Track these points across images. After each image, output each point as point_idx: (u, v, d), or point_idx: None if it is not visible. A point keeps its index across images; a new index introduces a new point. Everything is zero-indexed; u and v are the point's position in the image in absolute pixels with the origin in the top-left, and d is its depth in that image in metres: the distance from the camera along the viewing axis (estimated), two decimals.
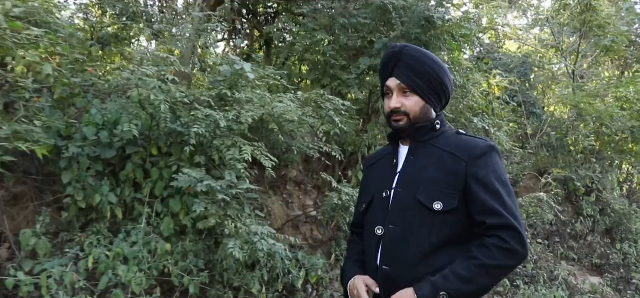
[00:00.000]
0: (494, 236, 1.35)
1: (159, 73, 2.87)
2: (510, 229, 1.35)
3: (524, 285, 4.81)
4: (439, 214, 1.40)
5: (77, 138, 3.23)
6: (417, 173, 1.48)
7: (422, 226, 1.41)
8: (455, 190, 1.41)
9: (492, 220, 1.36)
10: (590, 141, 7.20)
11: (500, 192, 1.39)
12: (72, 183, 3.06)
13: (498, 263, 1.34)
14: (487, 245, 1.35)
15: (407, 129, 1.51)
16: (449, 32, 4.41)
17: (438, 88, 1.52)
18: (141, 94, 3.01)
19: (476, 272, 1.34)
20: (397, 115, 1.50)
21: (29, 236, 2.84)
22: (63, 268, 2.76)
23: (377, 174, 1.63)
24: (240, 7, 5.76)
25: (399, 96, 1.50)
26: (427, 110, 1.52)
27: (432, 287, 1.35)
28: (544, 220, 5.72)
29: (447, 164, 1.45)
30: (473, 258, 1.35)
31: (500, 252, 1.34)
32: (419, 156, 1.51)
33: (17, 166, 3.37)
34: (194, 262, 3.10)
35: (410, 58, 1.50)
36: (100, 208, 3.13)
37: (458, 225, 1.42)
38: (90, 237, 3.04)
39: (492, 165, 1.43)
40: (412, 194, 1.44)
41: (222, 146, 3.01)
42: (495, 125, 4.61)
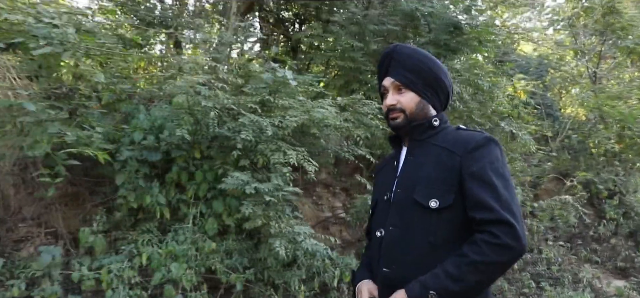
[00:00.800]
0: (484, 232, 1.31)
1: (209, 81, 3.02)
2: (502, 224, 1.30)
3: (550, 287, 4.88)
4: (435, 212, 1.38)
5: (125, 142, 3.41)
6: (415, 172, 1.47)
7: (420, 226, 1.40)
8: (451, 186, 1.39)
9: (482, 215, 1.32)
10: (612, 143, 7.22)
11: (495, 185, 1.34)
12: (125, 185, 3.24)
13: (488, 259, 1.29)
14: (477, 242, 1.31)
15: (405, 127, 1.51)
16: (477, 38, 4.51)
17: (433, 83, 1.51)
18: (189, 100, 3.17)
19: (465, 269, 1.30)
20: (394, 113, 1.51)
21: (87, 235, 3.02)
22: (120, 264, 2.93)
23: (383, 178, 1.63)
24: (268, 14, 5.93)
25: (394, 93, 1.51)
26: (424, 106, 1.51)
27: (421, 287, 1.33)
28: (568, 223, 5.77)
29: (444, 161, 1.43)
30: (463, 255, 1.32)
31: (490, 248, 1.29)
32: (417, 155, 1.50)
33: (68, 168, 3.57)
34: (239, 260, 3.26)
35: (402, 56, 1.51)
36: (150, 208, 3.30)
37: (456, 222, 1.38)
38: (141, 236, 3.21)
39: (488, 157, 1.39)
40: (410, 194, 1.43)
41: (266, 150, 3.16)
42: (522, 128, 4.69)
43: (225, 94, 3.12)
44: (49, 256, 2.72)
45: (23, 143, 2.68)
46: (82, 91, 3.03)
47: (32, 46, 2.47)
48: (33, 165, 3.44)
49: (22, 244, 3.25)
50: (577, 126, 8.07)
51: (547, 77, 10.33)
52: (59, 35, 2.50)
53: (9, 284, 2.66)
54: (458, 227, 1.38)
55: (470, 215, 1.35)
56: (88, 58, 2.88)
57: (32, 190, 3.49)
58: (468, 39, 4.64)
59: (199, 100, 3.12)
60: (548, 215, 5.39)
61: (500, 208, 1.31)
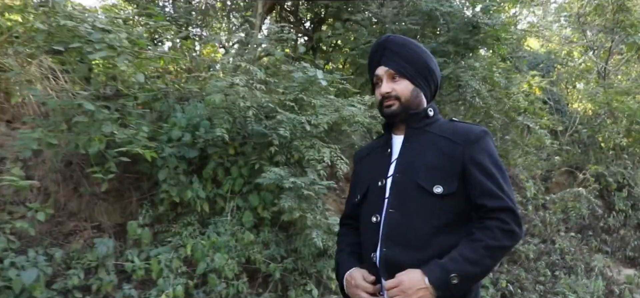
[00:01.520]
0: (495, 219, 1.38)
1: (249, 82, 3.19)
2: (509, 212, 1.39)
3: (564, 275, 5.07)
4: (439, 198, 1.42)
5: (163, 139, 3.59)
6: (415, 158, 1.50)
7: (423, 210, 1.43)
8: (454, 174, 1.44)
9: (493, 203, 1.39)
10: (621, 138, 7.38)
11: (496, 175, 1.43)
12: (167, 181, 3.41)
13: (501, 244, 1.37)
14: (490, 228, 1.38)
15: (400, 114, 1.53)
16: (494, 36, 4.67)
17: (425, 72, 1.56)
18: (227, 100, 3.35)
19: (482, 253, 1.36)
20: (389, 100, 1.53)
21: (135, 228, 3.20)
22: (168, 255, 3.12)
23: (371, 165, 1.63)
24: (288, 13, 6.08)
25: (389, 82, 1.54)
26: (418, 94, 1.56)
27: (443, 270, 1.36)
28: (580, 215, 5.94)
29: (444, 149, 1.48)
30: (478, 240, 1.38)
31: (503, 234, 1.37)
32: (415, 142, 1.53)
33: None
34: (277, 250, 3.44)
35: (396, 45, 1.55)
36: (189, 202, 3.48)
37: (457, 208, 1.45)
38: (183, 229, 3.40)
39: (487, 149, 1.47)
40: (412, 179, 1.46)
41: (301, 147, 3.33)
42: (537, 123, 4.86)
43: (263, 93, 3.29)
44: (104, 248, 2.91)
45: (78, 141, 2.85)
46: (126, 91, 3.19)
47: (89, 51, 2.63)
48: (78, 162, 3.63)
49: (71, 237, 3.44)
50: (585, 121, 8.23)
51: (553, 73, 10.47)
52: (113, 41, 2.67)
53: (68, 274, 2.84)
54: (458, 213, 1.44)
55: (480, 202, 1.41)
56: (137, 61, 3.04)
57: (76, 186, 3.68)
58: (485, 37, 4.80)
59: (237, 99, 3.29)
60: (561, 206, 5.56)
61: (507, 196, 1.40)
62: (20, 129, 3.75)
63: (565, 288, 4.75)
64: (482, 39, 4.73)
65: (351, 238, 1.68)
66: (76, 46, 2.64)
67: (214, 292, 3.16)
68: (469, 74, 4.35)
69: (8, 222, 2.81)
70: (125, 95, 3.23)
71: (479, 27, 4.74)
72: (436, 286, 1.35)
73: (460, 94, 4.82)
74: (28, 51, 3.38)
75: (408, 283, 1.37)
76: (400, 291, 1.37)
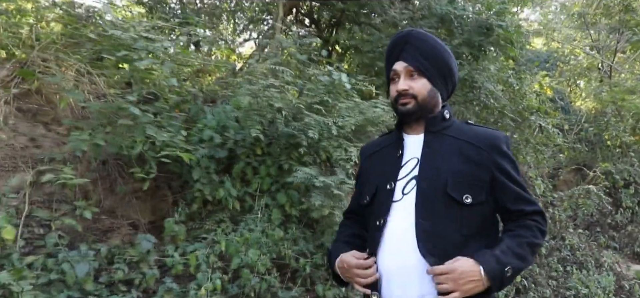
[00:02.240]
0: (532, 220, 1.45)
1: (281, 85, 3.35)
2: (542, 214, 1.49)
3: (576, 270, 5.22)
4: (467, 206, 1.40)
5: (194, 140, 3.74)
6: (440, 165, 1.45)
7: (452, 219, 1.41)
8: (482, 182, 1.43)
9: (530, 207, 1.46)
10: (627, 136, 7.54)
11: (520, 182, 1.49)
12: (200, 180, 3.57)
13: (539, 241, 1.45)
14: (530, 227, 1.44)
15: (415, 113, 1.49)
16: (508, 39, 4.82)
17: (445, 72, 1.52)
18: (259, 102, 3.50)
19: (527, 250, 1.41)
20: (405, 98, 1.48)
21: (172, 225, 3.36)
22: (204, 250, 3.27)
23: (380, 164, 1.58)
24: (303, 16, 6.24)
25: (407, 79, 1.48)
26: (435, 94, 1.51)
27: (498, 262, 1.35)
28: (588, 211, 6.11)
29: (469, 155, 1.45)
30: (522, 236, 1.42)
31: (540, 233, 1.45)
32: (436, 147, 1.49)
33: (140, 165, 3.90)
34: (306, 246, 3.60)
35: (418, 41, 1.49)
36: (220, 200, 3.64)
37: (485, 215, 1.45)
38: (216, 226, 3.55)
39: (508, 155, 1.49)
40: (440, 188, 1.42)
41: (329, 147, 3.49)
42: (550, 123, 5.02)
43: (293, 96, 3.45)
44: (147, 244, 3.06)
45: (121, 142, 3.00)
46: (165, 96, 3.35)
47: (135, 59, 2.79)
48: (112, 162, 3.78)
49: (109, 234, 3.59)
50: (591, 119, 8.39)
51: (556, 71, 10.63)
52: (157, 49, 2.82)
53: (113, 268, 3.00)
54: (486, 220, 1.45)
55: (516, 207, 1.45)
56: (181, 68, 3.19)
57: (111, 185, 3.84)
58: (498, 39, 4.96)
59: (269, 102, 3.45)
60: (572, 203, 5.72)
61: (536, 200, 1.52)
62: (55, 131, 3.93)
63: (577, 283, 4.90)
64: (495, 41, 4.88)
65: (349, 229, 1.67)
66: (122, 54, 2.79)
67: (247, 286, 3.32)
68: (485, 75, 4.50)
69: (57, 219, 2.97)
70: (162, 98, 3.38)
71: (492, 29, 4.89)
72: (492, 277, 1.33)
73: (474, 94, 4.98)
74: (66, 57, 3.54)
75: (460, 271, 1.32)
76: (451, 279, 1.32)
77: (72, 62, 3.62)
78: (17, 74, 3.22)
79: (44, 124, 3.93)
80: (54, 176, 2.86)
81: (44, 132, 3.86)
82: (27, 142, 3.69)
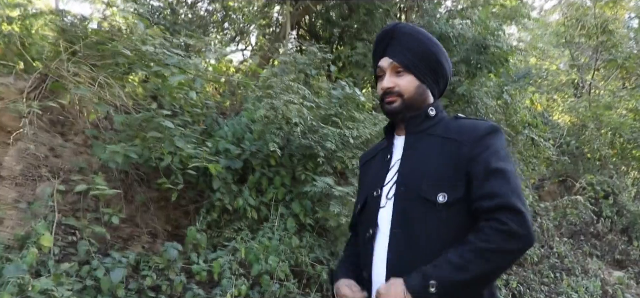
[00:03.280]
0: (491, 220, 1.21)
1: (301, 103, 3.53)
2: (508, 210, 1.21)
3: (567, 276, 5.53)
4: (445, 206, 1.27)
5: (211, 151, 3.87)
6: (419, 167, 1.34)
7: (429, 224, 1.28)
8: (459, 178, 1.29)
9: (489, 203, 1.23)
10: (607, 149, 7.99)
11: (499, 173, 1.26)
12: (219, 189, 3.69)
13: (495, 246, 1.19)
14: (482, 228, 1.22)
15: (401, 112, 1.40)
16: (503, 57, 5.13)
17: (435, 67, 1.41)
18: (278, 116, 3.66)
19: (470, 257, 1.19)
20: (390, 96, 1.39)
21: (194, 233, 3.47)
22: (226, 258, 3.39)
23: (371, 172, 1.50)
24: (305, 31, 6.45)
25: (392, 75, 1.40)
26: (423, 91, 1.41)
27: (422, 277, 1.22)
28: (575, 221, 6.45)
29: (449, 152, 1.32)
30: (467, 243, 1.22)
31: (498, 234, 1.19)
32: (418, 148, 1.38)
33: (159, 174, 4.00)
34: (322, 253, 3.75)
35: (404, 35, 1.40)
36: (238, 209, 3.77)
37: (467, 216, 1.28)
38: (235, 234, 3.68)
39: (493, 146, 1.31)
40: (415, 192, 1.31)
41: (344, 157, 3.67)
42: (542, 136, 5.34)
43: (310, 110, 3.63)
44: (174, 252, 3.17)
45: (151, 154, 3.11)
46: (188, 109, 3.48)
47: (168, 74, 2.92)
48: (132, 172, 3.87)
49: (130, 242, 3.67)
50: (572, 133, 8.84)
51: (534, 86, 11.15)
52: (189, 66, 2.96)
53: (141, 275, 3.09)
54: (469, 222, 1.27)
55: (476, 205, 1.25)
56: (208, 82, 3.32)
57: (131, 194, 3.92)
58: (494, 58, 5.27)
59: (286, 114, 3.62)
60: (559, 213, 6.04)
61: (508, 194, 1.22)
62: (72, 141, 3.99)
63: (567, 288, 5.20)
64: (492, 60, 5.18)
65: (352, 247, 1.59)
66: (156, 69, 2.91)
67: (267, 292, 3.45)
68: (483, 91, 4.79)
69: (87, 227, 3.05)
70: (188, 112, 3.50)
71: (488, 48, 5.20)
72: (414, 293, 1.22)
73: (471, 109, 5.26)
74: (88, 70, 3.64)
75: (393, 292, 1.24)
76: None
77: (93, 74, 3.71)
78: (50, 88, 3.29)
79: (61, 134, 4.00)
80: (86, 186, 2.94)
81: (61, 142, 3.93)
82: (47, 152, 3.75)
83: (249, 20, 8.14)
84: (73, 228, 3.23)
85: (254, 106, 3.59)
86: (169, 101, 3.23)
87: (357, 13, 5.57)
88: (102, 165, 3.47)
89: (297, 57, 4.00)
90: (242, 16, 8.30)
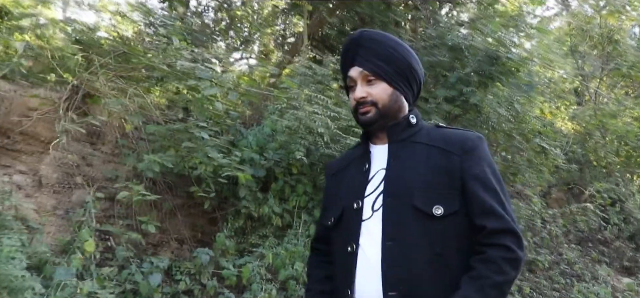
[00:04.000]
0: (497, 246, 1.21)
1: (326, 114, 3.67)
2: (512, 234, 1.22)
3: (577, 283, 5.64)
4: (439, 220, 1.24)
5: (235, 160, 4.00)
6: (407, 176, 1.29)
7: (423, 236, 1.24)
8: (454, 190, 1.26)
9: (494, 224, 1.22)
10: (613, 157, 8.12)
11: (497, 189, 1.26)
12: (246, 197, 3.82)
13: (509, 277, 1.20)
14: (495, 259, 1.20)
15: (377, 122, 1.34)
16: (516, 68, 5.27)
17: (406, 72, 1.36)
18: (302, 127, 3.80)
19: (490, 292, 1.18)
20: (364, 107, 1.33)
21: (223, 239, 3.59)
22: (255, 263, 3.52)
23: (346, 182, 1.41)
24: (319, 42, 6.60)
25: (364, 85, 1.34)
26: (397, 98, 1.35)
27: None
28: (585, 227, 6.57)
29: (438, 162, 1.29)
30: (484, 277, 1.19)
31: (509, 265, 1.20)
32: (404, 157, 1.33)
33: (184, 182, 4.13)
34: None
35: (371, 41, 1.35)
36: (263, 216, 3.90)
37: (461, 228, 1.26)
38: (261, 240, 3.80)
39: (485, 158, 1.30)
40: (407, 202, 1.26)
41: None
42: (552, 145, 5.47)
43: (334, 121, 3.77)
44: (206, 257, 3.29)
45: (185, 163, 3.25)
46: (217, 119, 3.62)
47: (202, 87, 3.06)
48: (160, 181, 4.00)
49: (159, 248, 3.80)
50: (578, 141, 8.97)
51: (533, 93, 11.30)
52: (222, 81, 3.11)
53: (174, 279, 3.22)
54: (463, 233, 1.26)
55: (480, 222, 1.23)
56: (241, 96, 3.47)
57: (159, 201, 4.05)
58: (505, 69, 5.40)
59: (309, 125, 3.75)
60: (569, 220, 6.16)
61: (508, 217, 1.24)
62: (101, 149, 4.13)
63: (578, 294, 5.31)
64: (505, 71, 5.32)
65: (321, 272, 1.48)
66: (192, 83, 3.06)
67: (294, 296, 3.57)
68: (496, 101, 4.92)
69: (125, 233, 3.18)
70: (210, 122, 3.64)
71: (500, 59, 5.34)
72: None
73: (483, 119, 5.39)
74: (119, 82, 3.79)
75: None
76: None
77: (122, 85, 3.86)
78: (83, 99, 3.44)
79: (90, 143, 4.14)
80: (128, 193, 3.08)
81: (91, 151, 4.07)
82: (79, 160, 3.89)
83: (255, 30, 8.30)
84: (108, 234, 3.37)
85: (278, 117, 3.72)
86: (199, 112, 3.36)
87: (370, 25, 5.72)
88: (135, 173, 3.61)
89: (316, 69, 4.14)
90: (248, 25, 8.46)
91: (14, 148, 3.66)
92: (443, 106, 5.53)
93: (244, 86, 3.44)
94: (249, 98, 3.73)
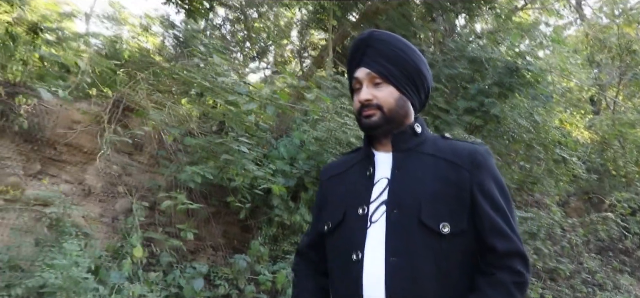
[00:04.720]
0: (507, 270, 1.18)
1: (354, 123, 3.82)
2: (521, 257, 1.20)
3: (600, 292, 5.67)
4: (446, 237, 1.19)
5: (268, 170, 4.17)
6: (413, 188, 1.24)
7: (428, 252, 1.19)
8: (463, 207, 1.21)
9: (504, 246, 1.19)
10: (632, 166, 8.13)
11: (504, 208, 1.23)
12: (278, 206, 3.98)
13: None
14: (504, 283, 1.17)
15: (381, 126, 1.27)
16: (535, 80, 5.39)
17: (415, 77, 1.30)
18: (332, 137, 3.96)
19: None
20: (369, 110, 1.27)
21: (258, 246, 3.75)
22: (287, 270, 3.66)
23: (346, 186, 1.34)
24: (342, 55, 6.78)
25: (370, 87, 1.28)
26: (404, 103, 1.29)
27: None
28: (606, 237, 6.59)
29: (447, 174, 1.24)
30: None
31: (518, 288, 1.18)
32: (409, 167, 1.27)
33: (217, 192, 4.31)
34: None
35: (381, 43, 1.30)
36: (296, 224, 4.04)
37: (467, 246, 1.22)
38: (291, 247, 3.95)
39: (493, 173, 1.26)
40: (413, 215, 1.20)
41: None
42: (573, 155, 5.55)
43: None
44: (244, 263, 3.45)
45: (224, 175, 3.42)
46: (252, 132, 3.79)
47: (241, 102, 3.24)
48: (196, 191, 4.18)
49: (195, 254, 3.97)
50: (596, 150, 8.99)
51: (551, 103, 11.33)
52: (260, 96, 3.28)
53: (213, 284, 3.38)
54: (469, 251, 1.23)
55: (489, 242, 1.20)
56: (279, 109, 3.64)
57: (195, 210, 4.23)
58: (525, 81, 5.52)
59: (339, 135, 3.91)
60: (590, 229, 6.20)
61: (516, 237, 1.21)
62: (138, 160, 4.33)
63: None
64: (524, 82, 5.44)
65: (311, 282, 1.41)
66: (232, 98, 3.24)
67: None
68: (516, 112, 5.03)
69: (168, 240, 3.35)
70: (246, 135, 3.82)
71: (519, 70, 5.46)
72: None
73: (503, 129, 5.50)
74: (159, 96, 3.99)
75: None
76: None
77: (161, 99, 4.07)
78: (124, 112, 3.64)
79: (128, 154, 4.35)
80: (171, 202, 3.25)
81: (129, 161, 4.28)
82: (120, 170, 4.09)
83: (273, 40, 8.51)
84: (150, 240, 3.55)
85: (310, 128, 3.88)
86: (237, 126, 3.54)
87: None
88: (174, 183, 3.79)
89: (343, 81, 4.30)
90: (266, 36, 8.68)
91: (60, 159, 3.88)
92: (464, 117, 5.66)
93: (279, 101, 3.60)
94: (284, 111, 3.89)
